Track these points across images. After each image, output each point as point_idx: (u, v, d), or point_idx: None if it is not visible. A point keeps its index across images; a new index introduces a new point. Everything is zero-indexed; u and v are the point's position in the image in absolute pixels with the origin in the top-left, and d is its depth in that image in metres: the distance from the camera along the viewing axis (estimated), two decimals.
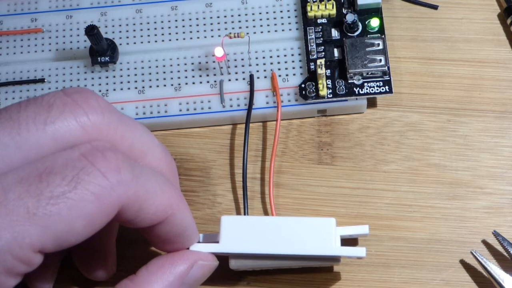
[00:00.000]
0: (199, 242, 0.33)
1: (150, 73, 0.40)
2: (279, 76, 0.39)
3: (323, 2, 0.40)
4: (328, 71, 0.39)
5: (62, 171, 0.24)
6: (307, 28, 0.40)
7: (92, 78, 0.40)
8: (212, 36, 0.41)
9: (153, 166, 0.29)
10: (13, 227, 0.23)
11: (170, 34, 0.41)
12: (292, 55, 0.40)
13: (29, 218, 0.23)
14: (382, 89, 0.38)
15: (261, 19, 0.41)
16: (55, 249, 0.24)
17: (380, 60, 0.38)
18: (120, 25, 0.41)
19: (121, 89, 0.40)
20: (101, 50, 0.40)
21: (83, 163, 0.25)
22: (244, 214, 0.36)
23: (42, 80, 0.40)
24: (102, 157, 0.25)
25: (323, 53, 0.39)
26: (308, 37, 0.40)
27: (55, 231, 0.24)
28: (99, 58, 0.40)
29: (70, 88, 0.27)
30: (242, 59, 0.40)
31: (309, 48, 0.39)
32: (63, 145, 0.26)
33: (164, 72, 0.40)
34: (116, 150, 0.26)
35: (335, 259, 0.33)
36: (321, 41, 0.39)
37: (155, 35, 0.41)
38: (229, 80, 0.40)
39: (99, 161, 0.25)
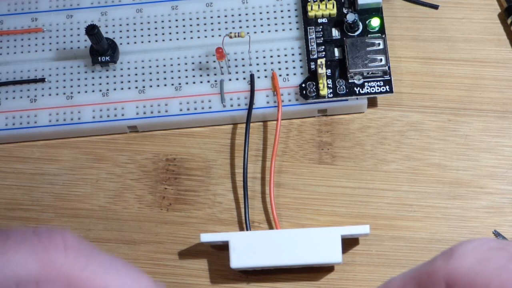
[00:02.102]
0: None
1: (150, 73, 0.40)
2: (280, 75, 0.39)
3: (323, 2, 0.40)
4: (329, 70, 0.39)
5: None
6: (308, 27, 0.40)
7: (93, 78, 0.40)
8: (212, 36, 0.41)
9: None
10: None
11: (170, 33, 0.41)
12: (293, 54, 0.40)
13: None
14: (383, 88, 0.38)
15: (261, 19, 0.41)
16: None
17: (381, 60, 0.38)
18: (120, 25, 0.41)
19: (122, 88, 0.40)
20: (102, 50, 0.40)
21: None
22: (245, 214, 0.36)
23: (42, 80, 0.40)
24: None
25: (324, 53, 0.39)
26: (309, 37, 0.40)
27: None
28: (99, 58, 0.40)
29: (42, 227, 0.24)
30: (243, 59, 0.40)
31: (310, 47, 0.39)
32: (13, 279, 0.22)
33: (165, 72, 0.40)
34: None
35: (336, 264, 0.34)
36: (321, 41, 0.39)
37: (156, 34, 0.41)
38: (230, 79, 0.40)
39: None
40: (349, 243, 0.36)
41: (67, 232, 0.24)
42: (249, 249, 0.33)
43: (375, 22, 0.39)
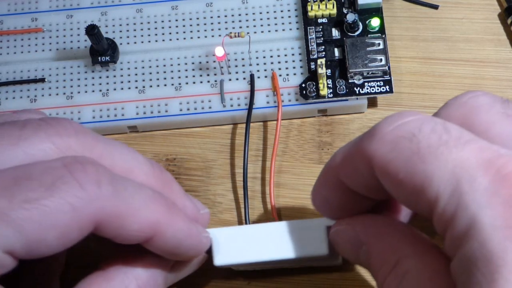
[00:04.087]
0: None
1: (150, 73, 0.40)
2: (280, 75, 0.39)
3: (323, 2, 0.40)
4: (329, 70, 0.39)
5: (40, 177, 0.24)
6: (308, 27, 0.40)
7: (93, 78, 0.40)
8: (212, 36, 0.41)
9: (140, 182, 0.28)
10: None
11: (170, 33, 0.41)
12: (293, 54, 0.40)
13: (1, 218, 0.23)
14: (383, 88, 0.38)
15: (261, 19, 0.41)
16: (26, 255, 0.24)
17: (381, 60, 0.38)
18: (120, 25, 0.41)
19: (122, 88, 0.40)
20: (102, 50, 0.40)
21: (62, 171, 0.24)
22: (245, 214, 0.36)
23: (42, 80, 0.40)
24: (82, 169, 0.24)
25: (324, 53, 0.39)
26: (309, 37, 0.40)
27: (26, 236, 0.23)
28: (99, 58, 0.40)
29: (49, 117, 0.27)
30: (243, 59, 0.40)
31: (310, 47, 0.39)
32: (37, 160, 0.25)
33: (165, 72, 0.40)
34: (98, 164, 0.25)
35: (336, 259, 0.33)
36: (321, 41, 0.39)
37: (156, 34, 0.41)
38: (230, 79, 0.40)
39: (78, 172, 0.24)
40: None
41: (71, 120, 0.27)
42: (233, 245, 0.32)
43: (375, 22, 0.39)
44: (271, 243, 0.31)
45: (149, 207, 0.26)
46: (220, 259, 0.32)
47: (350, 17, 0.39)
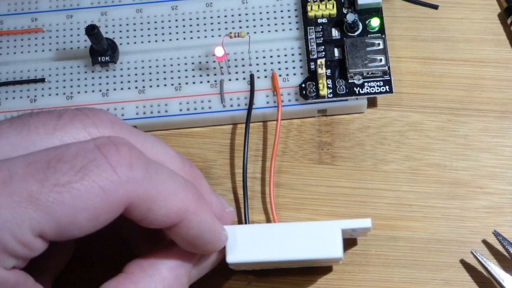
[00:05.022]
0: None
1: (150, 73, 0.40)
2: (280, 75, 0.39)
3: (323, 2, 0.40)
4: (329, 70, 0.39)
5: (72, 160, 0.24)
6: (308, 27, 0.40)
7: (93, 78, 0.40)
8: (212, 36, 0.41)
9: None
10: (14, 208, 0.23)
11: (170, 34, 0.41)
12: (293, 54, 0.40)
13: (32, 202, 0.23)
14: (383, 88, 0.38)
15: (261, 19, 0.41)
16: (56, 238, 0.24)
17: (381, 60, 0.38)
18: (120, 25, 0.41)
19: (122, 88, 0.40)
20: (102, 50, 0.40)
21: (95, 154, 0.24)
22: (245, 215, 0.36)
23: (42, 80, 0.40)
24: (115, 151, 0.25)
25: (324, 53, 0.39)
26: (309, 37, 0.40)
27: (57, 219, 0.24)
28: (99, 58, 0.40)
29: (84, 107, 0.28)
30: (243, 59, 0.40)
31: (310, 47, 0.39)
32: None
33: (165, 72, 0.40)
34: (132, 146, 0.25)
35: (337, 259, 0.33)
36: (321, 41, 0.39)
37: (156, 34, 0.41)
38: (230, 79, 0.40)
39: (112, 154, 0.24)
40: (348, 243, 0.36)
41: (106, 111, 0.28)
42: (246, 244, 0.32)
43: (375, 22, 0.39)
44: (284, 243, 0.31)
45: (179, 194, 0.27)
46: (233, 257, 0.31)
47: (350, 17, 0.39)
